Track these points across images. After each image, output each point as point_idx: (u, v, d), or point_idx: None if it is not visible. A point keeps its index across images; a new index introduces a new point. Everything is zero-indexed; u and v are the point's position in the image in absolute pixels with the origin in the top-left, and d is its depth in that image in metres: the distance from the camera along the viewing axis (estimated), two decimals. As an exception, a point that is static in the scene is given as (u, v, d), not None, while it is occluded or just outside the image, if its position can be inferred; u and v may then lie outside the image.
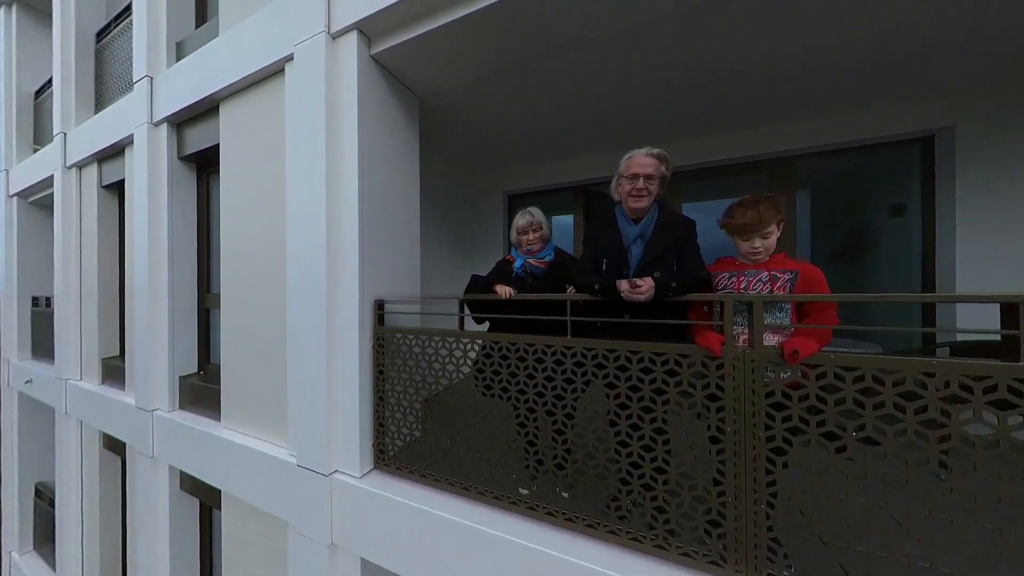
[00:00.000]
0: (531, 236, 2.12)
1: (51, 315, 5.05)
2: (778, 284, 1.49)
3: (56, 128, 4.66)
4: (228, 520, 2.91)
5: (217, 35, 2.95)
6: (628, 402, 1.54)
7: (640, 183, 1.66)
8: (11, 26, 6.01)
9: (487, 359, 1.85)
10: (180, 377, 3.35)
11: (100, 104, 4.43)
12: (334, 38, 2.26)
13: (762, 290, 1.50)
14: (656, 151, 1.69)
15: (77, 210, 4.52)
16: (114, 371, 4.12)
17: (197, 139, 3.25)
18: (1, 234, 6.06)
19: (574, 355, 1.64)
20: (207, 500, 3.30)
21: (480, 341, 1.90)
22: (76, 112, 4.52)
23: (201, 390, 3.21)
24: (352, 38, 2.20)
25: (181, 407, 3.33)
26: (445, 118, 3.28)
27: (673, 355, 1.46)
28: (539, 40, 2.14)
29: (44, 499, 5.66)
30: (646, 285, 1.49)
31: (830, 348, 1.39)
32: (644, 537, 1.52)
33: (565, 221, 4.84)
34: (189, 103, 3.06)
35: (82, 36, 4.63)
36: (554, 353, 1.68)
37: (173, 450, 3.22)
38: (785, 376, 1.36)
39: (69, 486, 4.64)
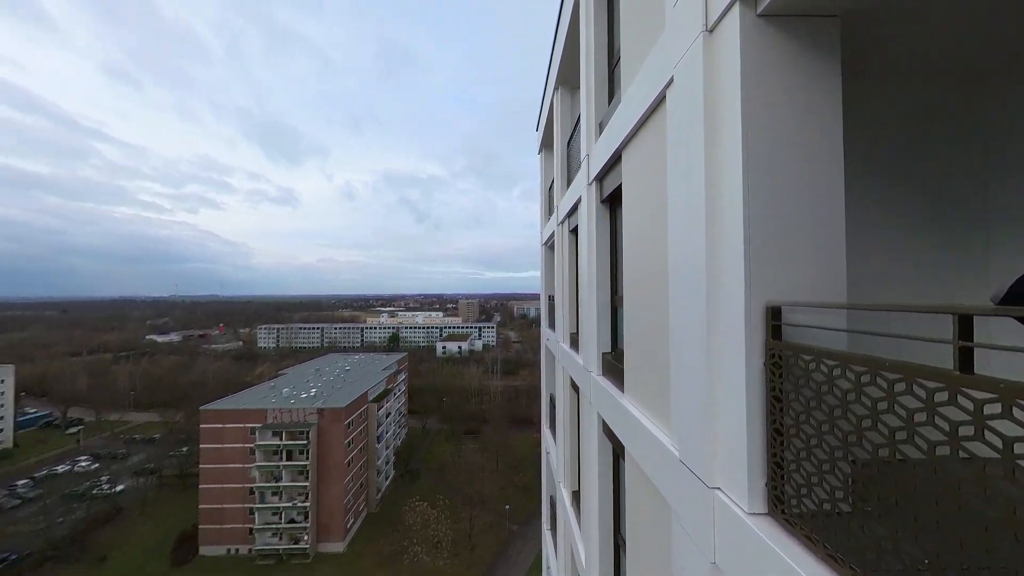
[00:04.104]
0: None
1: (554, 305, 8.37)
2: None
3: (555, 202, 7.68)
4: (628, 472, 3.32)
5: (620, 101, 3.52)
6: None
7: None
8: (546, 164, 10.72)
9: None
10: (602, 352, 4.32)
11: (569, 182, 6.76)
12: (711, 31, 1.92)
13: None
14: None
15: (561, 247, 7.16)
16: (574, 341, 6.08)
17: (609, 185, 4.02)
18: (541, 262, 10.96)
19: None
20: (616, 448, 3.99)
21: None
22: (561, 191, 7.19)
23: (612, 365, 3.90)
24: (733, 15, 1.75)
25: (603, 374, 4.27)
26: (896, 28, 1.87)
27: None
28: None
29: (551, 402, 9.48)
30: None
31: None
32: None
33: None
34: (604, 161, 3.86)
35: (563, 149, 7.31)
36: None
37: (599, 401, 4.10)
38: None
39: (559, 400, 7.41)
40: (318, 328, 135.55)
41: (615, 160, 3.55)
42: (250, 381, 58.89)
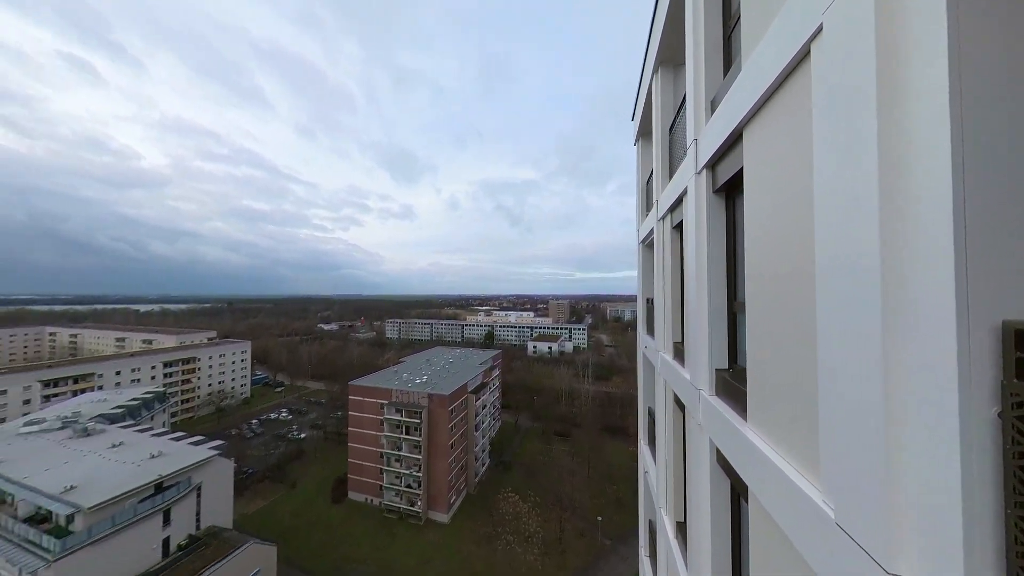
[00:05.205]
0: None
1: (653, 309, 7.58)
2: None
3: (654, 196, 6.96)
4: (754, 519, 2.72)
5: (740, 70, 2.93)
6: None
7: None
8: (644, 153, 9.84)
9: None
10: (716, 369, 3.66)
11: (672, 173, 6.02)
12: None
13: None
14: None
15: (661, 245, 6.42)
16: (679, 352, 5.35)
17: (725, 171, 3.39)
18: (638, 262, 10.09)
19: None
20: (736, 485, 3.32)
21: None
22: (661, 184, 6.46)
23: (730, 386, 3.26)
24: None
25: (717, 394, 3.61)
26: None
27: None
28: None
29: (650, 416, 8.58)
30: None
31: None
32: None
33: None
34: (719, 144, 3.26)
35: (664, 136, 6.55)
36: None
37: (713, 427, 3.42)
38: None
39: (660, 416, 6.66)
40: (428, 324, 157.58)
41: (733, 141, 2.99)
42: (380, 365, 72.12)
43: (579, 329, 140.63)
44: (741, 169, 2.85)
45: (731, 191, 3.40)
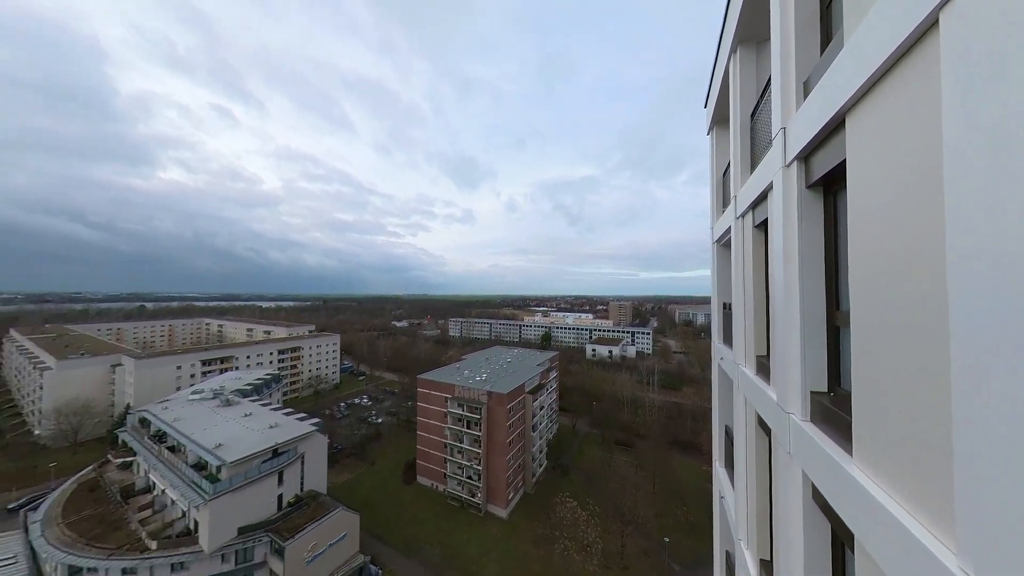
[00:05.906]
0: None
1: (731, 315, 6.79)
2: None
3: (731, 193, 6.25)
4: (862, 574, 2.29)
5: (842, 47, 2.51)
6: None
7: None
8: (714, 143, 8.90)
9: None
10: (811, 392, 3.16)
11: (754, 166, 5.34)
12: None
13: None
14: None
15: (740, 246, 5.73)
16: (763, 367, 4.72)
17: (822, 163, 2.91)
18: (712, 262, 9.14)
19: None
20: (839, 531, 2.82)
21: None
22: (740, 178, 5.77)
23: (829, 412, 2.78)
24: None
25: (813, 420, 3.12)
26: None
27: None
28: None
29: (727, 435, 7.69)
30: None
31: None
32: None
33: None
34: (814, 133, 2.82)
35: (744, 125, 5.85)
36: None
37: (807, 458, 2.94)
38: None
39: (739, 437, 5.93)
40: (488, 323, 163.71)
41: (833, 129, 2.58)
42: (444, 361, 77.35)
43: (643, 333, 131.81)
44: (843, 161, 2.45)
45: (831, 186, 2.93)
